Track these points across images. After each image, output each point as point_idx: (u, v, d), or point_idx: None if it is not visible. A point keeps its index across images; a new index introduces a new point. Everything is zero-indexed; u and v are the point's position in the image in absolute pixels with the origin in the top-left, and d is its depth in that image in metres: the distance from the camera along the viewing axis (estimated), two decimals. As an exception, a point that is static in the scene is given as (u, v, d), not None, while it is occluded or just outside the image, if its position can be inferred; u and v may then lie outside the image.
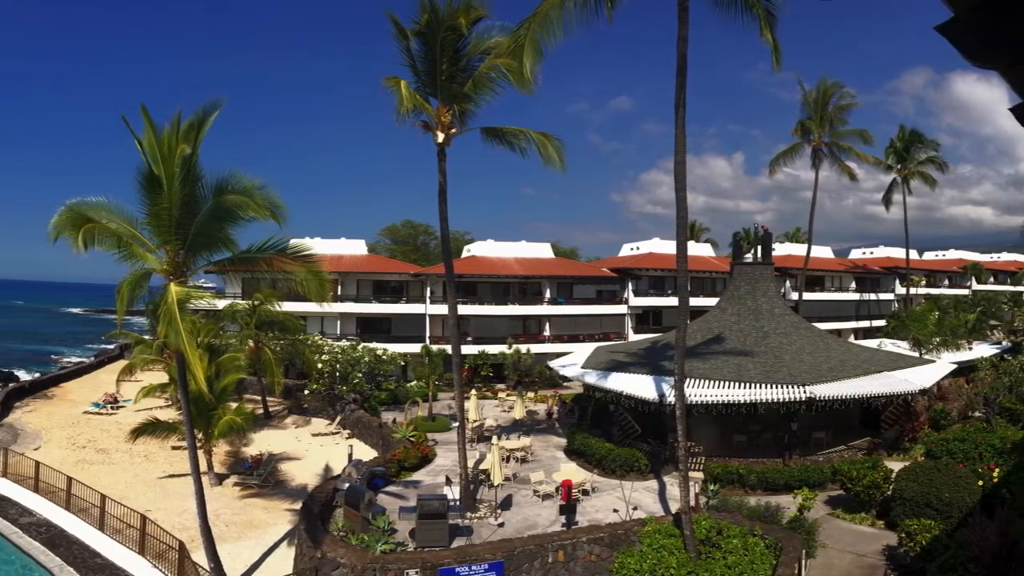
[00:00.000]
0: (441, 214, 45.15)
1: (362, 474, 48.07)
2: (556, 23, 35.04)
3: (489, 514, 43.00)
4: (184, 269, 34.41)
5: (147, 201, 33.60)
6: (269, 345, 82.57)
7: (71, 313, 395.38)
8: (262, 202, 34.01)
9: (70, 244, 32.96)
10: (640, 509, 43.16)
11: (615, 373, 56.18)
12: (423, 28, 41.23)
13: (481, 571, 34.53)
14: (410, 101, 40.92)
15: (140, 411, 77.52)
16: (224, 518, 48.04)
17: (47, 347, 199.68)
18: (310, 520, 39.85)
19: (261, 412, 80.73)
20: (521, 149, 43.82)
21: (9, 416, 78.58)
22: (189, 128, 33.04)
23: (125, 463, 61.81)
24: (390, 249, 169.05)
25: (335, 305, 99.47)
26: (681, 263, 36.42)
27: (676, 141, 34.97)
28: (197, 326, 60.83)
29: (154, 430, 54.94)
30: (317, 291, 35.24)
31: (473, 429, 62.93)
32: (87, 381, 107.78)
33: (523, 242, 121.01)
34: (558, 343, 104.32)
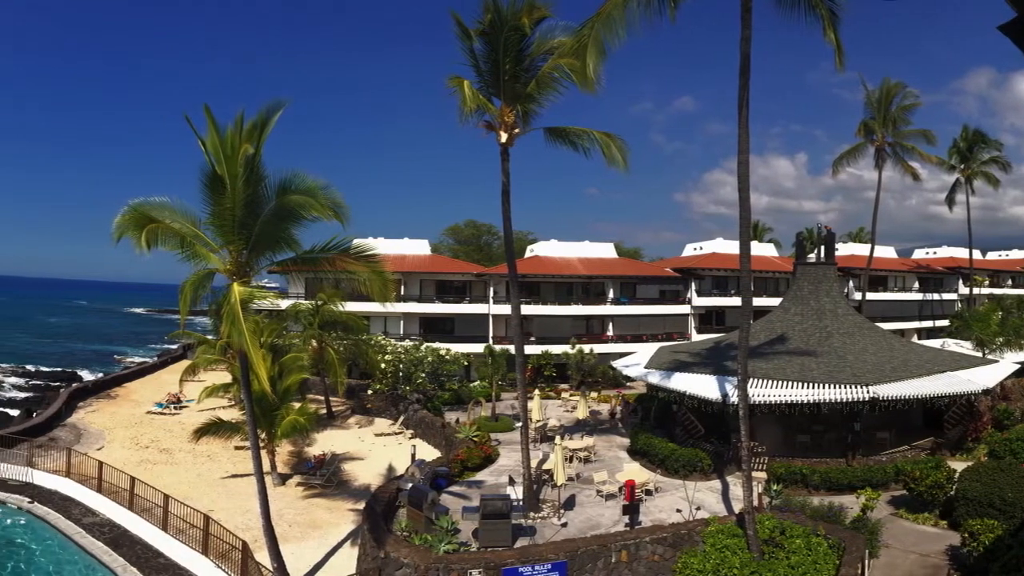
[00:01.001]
0: (504, 214, 45.18)
1: (425, 474, 48.29)
2: (619, 23, 34.97)
3: (552, 514, 43.08)
4: (247, 269, 34.65)
5: (210, 201, 33.83)
6: (332, 345, 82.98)
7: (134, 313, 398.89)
8: (325, 202, 34.05)
9: (133, 244, 33.27)
10: (703, 509, 43.10)
11: (678, 373, 56.12)
12: (486, 28, 41.24)
13: (544, 571, 34.61)
14: (473, 101, 40.92)
15: (203, 411, 78.43)
16: (287, 518, 48.47)
17: (110, 347, 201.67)
18: (373, 520, 39.94)
19: (324, 412, 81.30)
20: (585, 149, 43.67)
21: (72, 416, 79.62)
22: (252, 128, 33.15)
23: (188, 463, 62.45)
24: (453, 249, 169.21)
25: (398, 305, 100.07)
26: (744, 263, 36.35)
27: (739, 141, 34.92)
28: (260, 326, 61.26)
29: (217, 430, 55.25)
30: (380, 291, 35.18)
31: (536, 429, 63.11)
32: (150, 381, 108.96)
33: (586, 242, 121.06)
34: (621, 343, 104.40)
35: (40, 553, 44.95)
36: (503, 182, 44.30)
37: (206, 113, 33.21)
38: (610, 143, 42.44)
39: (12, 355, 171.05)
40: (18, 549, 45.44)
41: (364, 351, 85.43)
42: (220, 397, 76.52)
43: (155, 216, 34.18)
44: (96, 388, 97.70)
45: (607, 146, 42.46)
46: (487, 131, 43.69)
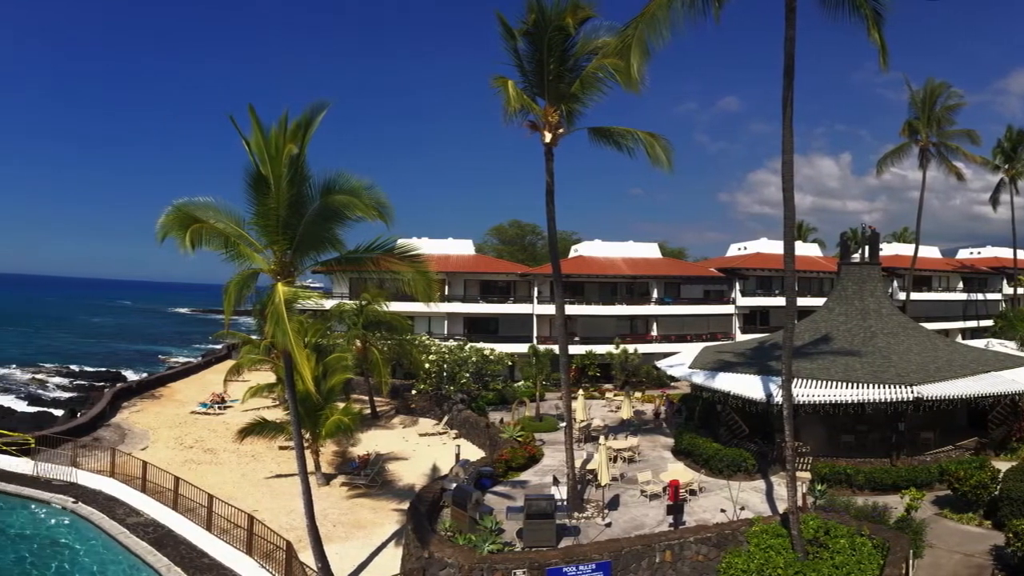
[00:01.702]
0: (548, 214, 45.26)
1: (469, 474, 48.46)
2: (663, 23, 34.99)
3: (596, 514, 43.10)
4: (291, 269, 34.88)
5: (254, 201, 34.16)
6: (376, 345, 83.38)
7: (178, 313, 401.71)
8: (369, 202, 34.17)
9: (177, 244, 33.50)
10: (747, 509, 43.11)
11: (722, 373, 56.11)
12: (530, 28, 41.30)
13: (589, 571, 34.71)
14: (517, 101, 41.08)
15: (247, 411, 78.97)
16: (331, 518, 48.71)
17: (155, 347, 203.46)
18: (417, 520, 40.20)
19: (368, 412, 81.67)
20: (629, 149, 43.62)
21: (117, 416, 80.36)
22: (296, 128, 33.29)
23: (232, 463, 62.92)
24: (497, 249, 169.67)
25: (442, 305, 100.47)
26: (788, 263, 36.32)
27: (783, 141, 34.88)
28: (304, 326, 61.57)
29: (261, 430, 55.40)
30: (424, 291, 35.37)
31: (580, 429, 63.08)
32: (194, 381, 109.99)
33: (630, 242, 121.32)
34: (665, 343, 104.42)
35: (84, 553, 45.38)
36: (547, 182, 44.41)
37: (250, 114, 33.41)
38: (654, 143, 42.43)
39: (56, 355, 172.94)
40: (62, 549, 45.88)
41: (408, 351, 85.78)
42: (264, 397, 77.30)
43: (199, 216, 34.55)
44: (140, 388, 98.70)
45: (651, 146, 42.45)
46: (531, 131, 43.83)
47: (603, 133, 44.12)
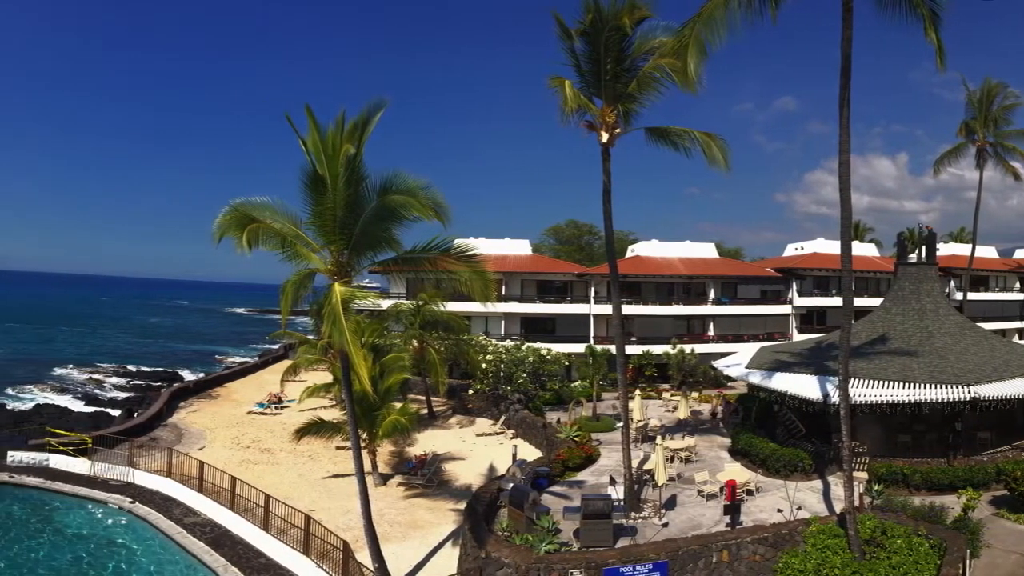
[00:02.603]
0: (605, 214, 45.27)
1: (526, 474, 48.59)
2: (720, 23, 35.05)
3: (653, 514, 43.20)
4: (348, 269, 35.18)
5: (311, 201, 34.55)
6: (433, 345, 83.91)
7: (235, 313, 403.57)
8: (426, 202, 34.39)
9: (234, 244, 33.96)
10: (804, 509, 43.09)
11: (779, 373, 56.07)
12: (587, 28, 41.34)
13: (645, 571, 34.83)
14: (574, 101, 41.10)
15: (304, 411, 79.70)
16: (388, 518, 49.07)
17: (211, 347, 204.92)
18: (474, 520, 40.36)
19: (425, 412, 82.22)
20: (685, 149, 43.57)
21: (174, 416, 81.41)
22: (353, 128, 33.61)
23: (289, 463, 63.45)
24: (554, 249, 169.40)
25: (499, 305, 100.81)
26: (845, 263, 36.27)
27: (840, 141, 34.84)
28: (361, 326, 61.92)
29: (318, 430, 55.87)
30: (481, 291, 35.48)
31: (637, 429, 63.14)
32: (251, 381, 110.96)
33: (687, 242, 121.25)
34: (722, 343, 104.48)
35: (141, 553, 46.01)
36: (604, 182, 44.41)
37: (307, 113, 33.84)
38: (711, 143, 42.42)
39: (114, 355, 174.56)
40: (119, 549, 46.49)
41: (465, 351, 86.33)
42: (321, 397, 77.60)
43: (256, 216, 35.02)
44: (197, 388, 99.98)
45: (708, 146, 42.45)
46: (588, 131, 43.86)
47: (660, 133, 44.11)
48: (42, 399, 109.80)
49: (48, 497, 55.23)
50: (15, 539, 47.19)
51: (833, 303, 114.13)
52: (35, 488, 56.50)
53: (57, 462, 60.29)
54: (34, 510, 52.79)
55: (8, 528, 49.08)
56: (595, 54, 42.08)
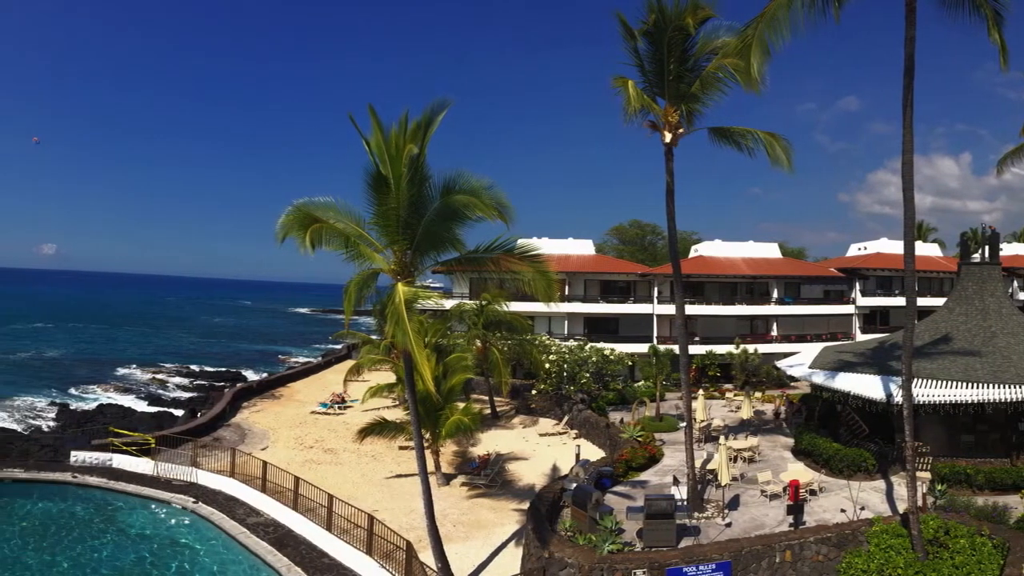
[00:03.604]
0: (668, 214, 45.35)
1: (589, 474, 48.82)
2: (783, 23, 35.02)
3: (716, 514, 43.33)
4: (411, 269, 35.45)
5: (374, 201, 34.91)
6: (497, 345, 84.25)
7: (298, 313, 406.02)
8: (489, 202, 34.44)
9: (298, 244, 34.28)
10: (867, 509, 42.89)
11: (842, 373, 55.90)
12: (650, 28, 41.49)
13: (708, 571, 34.94)
14: (637, 101, 41.16)
15: (367, 411, 79.89)
16: (451, 518, 49.33)
17: (275, 347, 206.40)
18: (537, 520, 40.67)
19: (488, 412, 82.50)
20: (748, 149, 43.63)
21: (237, 416, 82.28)
22: (416, 128, 33.81)
23: (352, 463, 63.91)
24: (617, 249, 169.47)
25: (563, 305, 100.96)
26: (908, 263, 36.19)
27: (904, 141, 34.74)
28: (425, 326, 62.34)
29: (381, 430, 56.32)
30: (545, 291, 35.50)
31: (700, 429, 63.30)
32: (314, 381, 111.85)
33: (750, 242, 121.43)
34: (785, 343, 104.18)
35: (204, 553, 46.53)
36: (667, 182, 44.51)
37: (370, 114, 34.16)
38: (774, 143, 42.39)
39: (177, 355, 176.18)
40: (182, 549, 47.04)
41: (528, 351, 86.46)
42: (384, 397, 77.93)
43: (319, 216, 35.37)
44: (260, 388, 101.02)
45: (771, 146, 42.43)
46: (651, 131, 43.94)
47: (723, 133, 44.20)
48: (105, 399, 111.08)
49: (111, 497, 55.83)
50: (78, 539, 47.73)
51: (896, 303, 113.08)
52: (98, 488, 57.12)
53: (120, 462, 61.01)
54: (97, 510, 53.36)
55: (71, 528, 49.64)
56: (658, 54, 42.25)
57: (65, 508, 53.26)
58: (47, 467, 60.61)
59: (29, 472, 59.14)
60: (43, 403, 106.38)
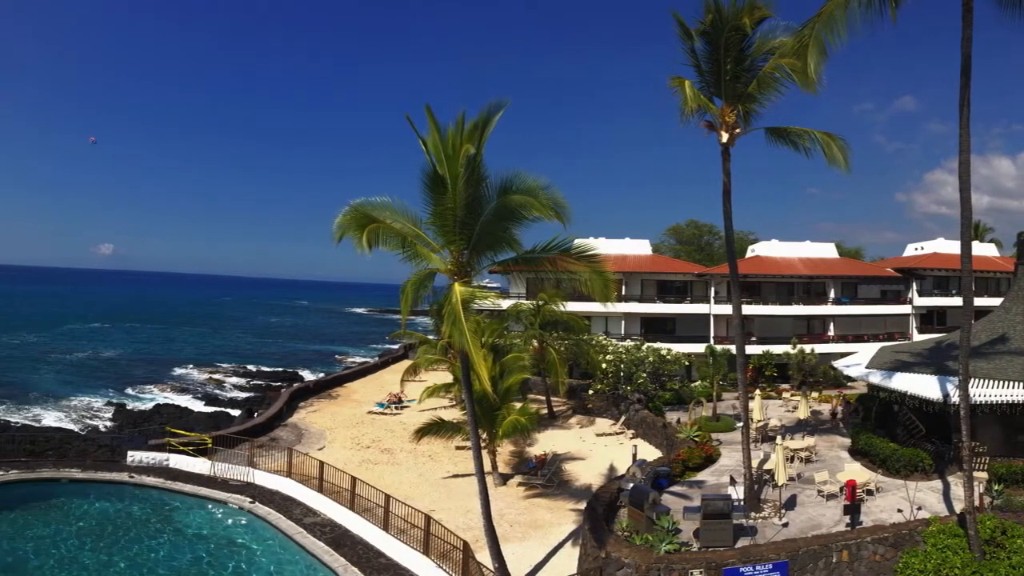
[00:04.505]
0: (725, 214, 45.49)
1: (646, 474, 48.92)
2: (840, 23, 35.02)
3: (773, 514, 43.38)
4: (468, 269, 35.69)
5: (431, 201, 35.19)
6: (553, 345, 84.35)
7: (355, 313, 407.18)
8: (546, 202, 34.64)
9: (354, 244, 34.73)
10: (924, 509, 42.79)
11: (899, 373, 55.74)
12: (707, 28, 41.63)
13: (765, 571, 34.98)
14: (694, 101, 41.37)
15: (424, 411, 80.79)
16: (508, 518, 49.66)
17: (331, 347, 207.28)
18: (594, 520, 40.75)
19: (545, 412, 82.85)
20: (805, 149, 43.60)
21: (294, 416, 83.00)
22: (473, 128, 34.02)
23: (409, 463, 64.28)
24: (674, 249, 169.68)
25: (619, 305, 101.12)
26: (965, 263, 36.08)
27: (960, 141, 34.64)
28: (481, 326, 62.48)
29: (438, 430, 56.77)
30: (601, 291, 35.55)
31: (757, 429, 63.19)
32: (371, 381, 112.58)
33: (807, 242, 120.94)
34: (842, 343, 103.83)
35: (261, 553, 46.82)
36: (724, 182, 44.58)
37: (427, 114, 34.58)
38: (831, 143, 42.33)
39: (234, 355, 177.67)
40: (239, 549, 47.34)
41: (585, 351, 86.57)
42: (441, 397, 78.55)
43: (376, 216, 35.66)
44: (317, 388, 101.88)
45: (828, 146, 42.35)
46: (708, 131, 44.11)
47: (780, 133, 44.21)
48: (162, 399, 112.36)
49: (168, 497, 56.15)
50: (135, 539, 48.04)
51: (953, 303, 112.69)
52: (155, 488, 57.40)
53: (177, 462, 61.45)
54: (154, 510, 53.68)
55: (128, 528, 49.98)
56: (715, 54, 42.34)
57: (122, 508, 53.66)
58: (104, 467, 61.05)
59: (86, 472, 59.52)
60: (100, 403, 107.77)
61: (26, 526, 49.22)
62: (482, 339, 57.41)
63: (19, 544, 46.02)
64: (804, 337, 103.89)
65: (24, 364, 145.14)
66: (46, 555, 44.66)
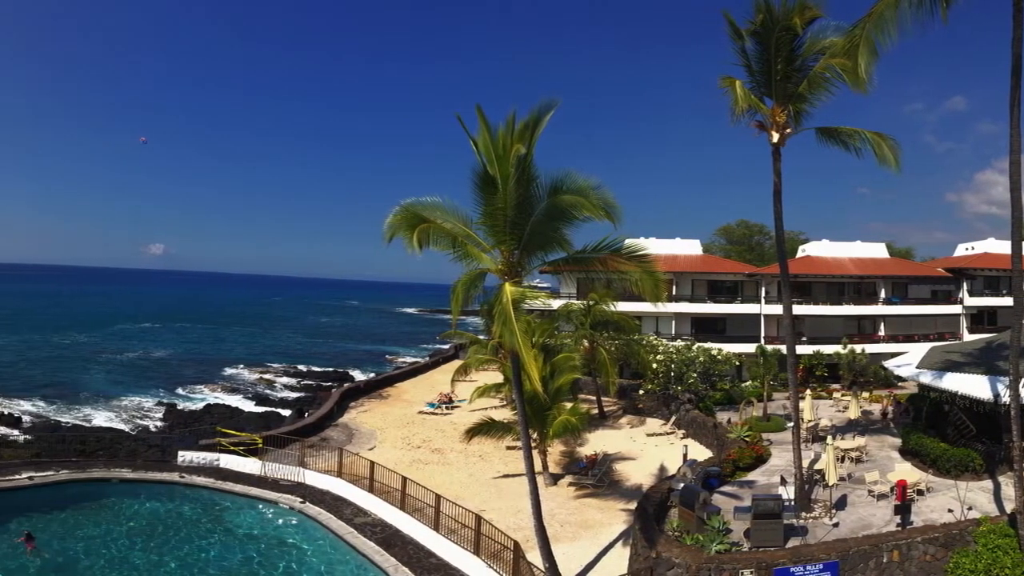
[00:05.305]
0: (776, 214, 45.36)
1: (697, 474, 48.90)
2: (891, 23, 34.94)
3: (823, 514, 43.22)
4: (519, 269, 35.71)
5: (482, 201, 35.27)
6: (604, 345, 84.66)
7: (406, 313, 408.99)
8: (597, 202, 34.54)
9: (405, 244, 34.73)
10: (975, 509, 42.54)
11: (950, 373, 55.41)
12: (758, 28, 41.63)
13: (816, 571, 34.99)
14: (745, 101, 41.42)
15: (475, 411, 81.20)
16: (559, 518, 49.75)
17: (382, 347, 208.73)
18: (645, 520, 40.78)
19: (596, 412, 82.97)
20: (856, 149, 43.37)
21: (344, 416, 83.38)
22: (524, 128, 33.97)
23: (460, 463, 64.57)
24: (725, 249, 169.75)
25: (670, 305, 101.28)
26: (1016, 263, 35.93)
27: (1011, 141, 34.49)
28: (532, 326, 62.73)
29: (489, 430, 56.88)
30: (652, 291, 35.53)
31: (808, 429, 62.96)
32: (421, 381, 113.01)
33: (857, 242, 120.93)
34: (893, 343, 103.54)
35: (312, 553, 47.02)
36: (774, 182, 44.46)
37: (478, 114, 34.56)
38: (881, 143, 42.14)
39: (284, 355, 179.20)
40: (290, 549, 47.55)
41: (636, 351, 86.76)
42: (492, 397, 78.88)
43: (426, 216, 35.77)
44: (368, 388, 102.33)
45: (878, 146, 42.17)
46: (759, 131, 44.08)
47: (830, 133, 44.10)
48: (212, 399, 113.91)
49: (219, 497, 56.44)
50: (186, 539, 48.37)
51: (1004, 303, 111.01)
52: (206, 488, 57.68)
53: (228, 462, 61.83)
54: (205, 510, 54.00)
55: (179, 528, 50.30)
56: (766, 54, 42.34)
57: (172, 508, 54.00)
58: (155, 467, 61.59)
59: (137, 472, 59.95)
60: (151, 403, 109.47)
61: (77, 526, 49.63)
62: (533, 339, 57.68)
63: (70, 544, 46.43)
64: (855, 337, 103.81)
65: (75, 364, 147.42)
66: (97, 555, 45.05)
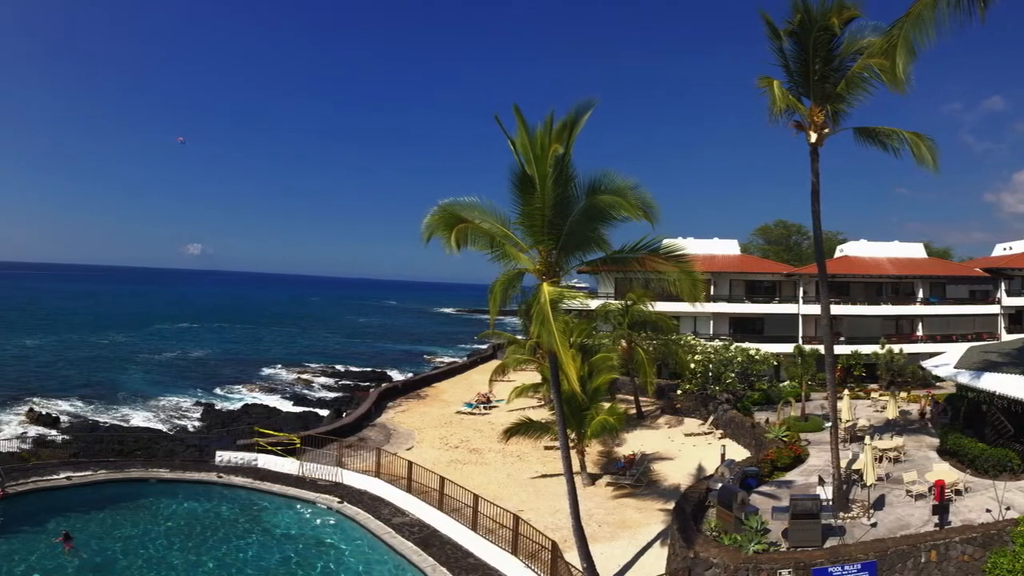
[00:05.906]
0: (814, 214, 45.48)
1: (735, 474, 49.02)
2: (929, 23, 34.85)
3: (861, 514, 43.23)
4: (557, 269, 35.85)
5: (520, 201, 35.49)
6: (642, 345, 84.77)
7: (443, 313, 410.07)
8: (635, 202, 34.59)
9: (443, 244, 35.04)
10: (1012, 509, 42.37)
11: (988, 373, 55.35)
12: (795, 28, 41.77)
13: (854, 571, 35.05)
14: (783, 101, 41.49)
15: (513, 411, 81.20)
16: (596, 518, 49.82)
17: (420, 347, 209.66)
18: (683, 520, 41.03)
19: (634, 412, 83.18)
20: (894, 149, 43.41)
21: (382, 416, 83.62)
22: (562, 128, 34.15)
23: (498, 463, 64.73)
24: (763, 249, 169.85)
25: (708, 305, 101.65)
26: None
27: (1049, 141, 34.67)
28: (570, 326, 62.94)
29: (527, 430, 57.06)
30: (690, 291, 35.59)
31: (846, 429, 63.00)
32: (459, 381, 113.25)
33: (895, 242, 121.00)
34: (931, 343, 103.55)
35: (349, 553, 47.15)
36: (813, 182, 44.63)
37: (516, 114, 34.72)
38: (919, 143, 42.11)
39: (322, 355, 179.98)
40: (328, 549, 47.70)
41: (674, 351, 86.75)
42: (529, 397, 79.29)
43: (464, 216, 36.06)
44: (405, 388, 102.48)
45: (916, 146, 42.15)
46: (797, 131, 44.20)
47: (868, 133, 44.15)
48: (250, 399, 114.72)
49: (256, 497, 56.65)
50: (223, 539, 48.52)
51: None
52: (243, 488, 57.89)
53: (265, 462, 61.99)
54: (242, 510, 54.21)
55: (217, 528, 50.47)
56: (803, 54, 42.43)
57: (210, 508, 54.23)
58: (192, 467, 61.92)
59: (175, 472, 60.24)
60: (188, 403, 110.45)
61: (115, 526, 49.90)
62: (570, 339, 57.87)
63: (108, 544, 46.68)
64: (893, 337, 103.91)
65: (113, 364, 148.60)
66: (135, 555, 45.33)
